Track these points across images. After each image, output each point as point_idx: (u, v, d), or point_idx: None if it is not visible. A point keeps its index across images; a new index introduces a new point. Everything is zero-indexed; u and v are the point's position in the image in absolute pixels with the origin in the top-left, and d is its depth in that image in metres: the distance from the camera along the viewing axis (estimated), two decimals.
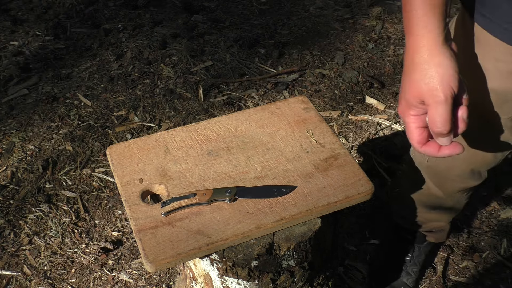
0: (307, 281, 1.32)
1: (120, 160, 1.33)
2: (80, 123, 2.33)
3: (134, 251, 1.86)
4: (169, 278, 1.78)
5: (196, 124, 1.43)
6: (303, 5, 3.03)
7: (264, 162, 1.32)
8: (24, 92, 2.49)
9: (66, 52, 2.73)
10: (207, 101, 2.43)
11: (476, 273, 1.77)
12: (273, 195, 1.23)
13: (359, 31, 2.83)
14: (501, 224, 1.91)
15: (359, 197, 1.25)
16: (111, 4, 3.05)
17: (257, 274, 1.21)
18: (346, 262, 1.79)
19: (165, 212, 1.19)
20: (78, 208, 1.99)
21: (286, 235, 1.21)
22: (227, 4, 3.05)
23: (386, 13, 2.94)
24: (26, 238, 1.89)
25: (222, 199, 1.21)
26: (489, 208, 1.96)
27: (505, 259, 1.80)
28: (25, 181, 2.08)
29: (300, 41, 2.78)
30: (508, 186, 2.02)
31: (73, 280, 1.78)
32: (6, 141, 2.25)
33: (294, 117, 1.45)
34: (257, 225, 1.17)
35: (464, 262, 1.80)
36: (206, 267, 1.24)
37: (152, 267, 1.11)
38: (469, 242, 1.86)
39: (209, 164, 1.32)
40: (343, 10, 2.97)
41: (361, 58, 2.65)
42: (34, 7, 3.05)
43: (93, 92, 2.49)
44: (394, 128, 2.27)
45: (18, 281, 1.78)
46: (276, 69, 2.61)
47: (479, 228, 1.90)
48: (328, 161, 1.32)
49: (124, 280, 1.77)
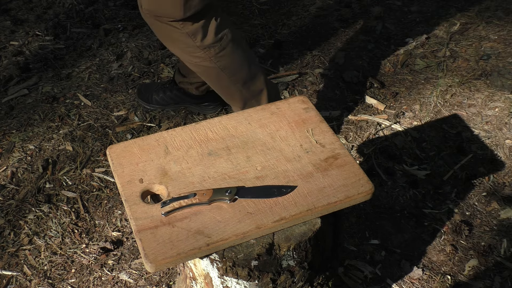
0: (307, 281, 1.32)
1: (120, 160, 1.33)
2: (80, 123, 2.33)
3: (134, 251, 1.86)
4: (169, 278, 1.78)
5: (196, 124, 1.43)
6: (303, 5, 3.03)
7: (264, 162, 1.32)
8: (24, 92, 2.49)
9: (66, 52, 2.73)
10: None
11: (476, 273, 1.77)
12: (273, 195, 1.23)
13: (359, 31, 2.83)
14: (501, 224, 1.91)
15: (359, 197, 1.26)
16: (111, 4, 3.05)
17: (257, 274, 1.21)
18: (346, 262, 1.79)
19: (165, 212, 1.19)
20: (78, 208, 1.99)
21: (286, 235, 1.21)
22: (227, 4, 3.05)
23: (386, 13, 2.94)
24: (26, 238, 1.89)
25: (222, 199, 1.21)
26: (489, 208, 1.96)
27: (505, 259, 1.80)
28: (25, 181, 2.08)
29: (300, 41, 2.78)
30: (508, 186, 2.03)
31: (73, 280, 1.78)
32: (6, 141, 2.25)
33: (294, 117, 1.45)
34: (257, 225, 1.17)
35: (464, 262, 1.80)
36: (206, 267, 1.24)
37: (152, 267, 1.11)
38: (469, 242, 1.86)
39: (209, 164, 1.32)
40: (343, 10, 2.97)
41: (361, 58, 2.65)
42: (34, 7, 3.05)
43: (93, 92, 2.49)
44: (394, 128, 2.27)
45: (18, 281, 1.78)
46: (276, 69, 2.61)
47: (479, 228, 1.90)
48: (328, 161, 1.32)
49: (124, 280, 1.77)
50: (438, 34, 2.78)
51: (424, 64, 2.60)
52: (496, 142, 2.20)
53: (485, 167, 2.09)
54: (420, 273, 1.77)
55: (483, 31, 2.78)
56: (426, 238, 1.87)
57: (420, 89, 2.47)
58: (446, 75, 2.53)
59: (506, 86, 2.44)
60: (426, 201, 1.98)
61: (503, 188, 2.02)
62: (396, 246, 1.85)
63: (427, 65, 2.59)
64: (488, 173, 2.07)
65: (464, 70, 2.55)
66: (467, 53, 2.65)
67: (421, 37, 2.76)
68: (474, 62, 2.59)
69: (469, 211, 1.95)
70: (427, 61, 2.62)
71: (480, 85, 2.47)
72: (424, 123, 2.29)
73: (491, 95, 2.41)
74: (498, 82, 2.47)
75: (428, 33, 2.79)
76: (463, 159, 2.12)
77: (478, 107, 2.36)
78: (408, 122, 2.30)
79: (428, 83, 2.50)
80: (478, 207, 1.96)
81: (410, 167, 2.09)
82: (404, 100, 2.42)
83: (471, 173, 2.06)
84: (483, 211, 1.95)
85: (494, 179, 2.05)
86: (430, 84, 2.49)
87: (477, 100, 2.39)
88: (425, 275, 1.76)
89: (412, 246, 1.85)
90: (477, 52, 2.65)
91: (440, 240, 1.87)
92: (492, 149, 2.17)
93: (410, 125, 2.29)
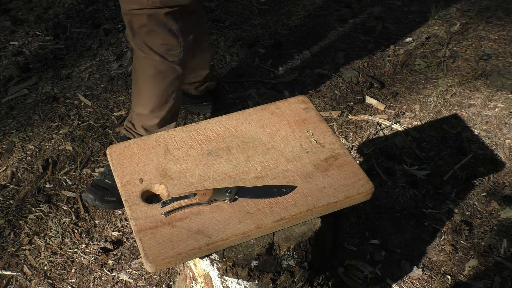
0: (307, 281, 1.32)
1: (120, 160, 1.33)
2: (80, 123, 2.33)
3: (134, 251, 1.86)
4: (169, 278, 1.78)
5: (196, 124, 1.43)
6: (303, 5, 3.03)
7: (264, 162, 1.32)
8: (24, 92, 2.49)
9: (66, 52, 2.73)
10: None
11: (476, 273, 1.77)
12: (273, 195, 1.23)
13: (359, 31, 2.83)
14: (501, 224, 1.91)
15: (359, 197, 1.26)
16: (111, 4, 3.05)
17: (257, 274, 1.21)
18: (346, 262, 1.79)
19: (165, 212, 1.19)
20: (78, 208, 1.99)
21: (286, 235, 1.21)
22: (227, 4, 3.05)
23: (386, 13, 2.94)
24: (26, 238, 1.89)
25: (222, 199, 1.21)
26: (489, 208, 1.96)
27: (505, 259, 1.80)
28: (25, 181, 2.08)
29: (300, 41, 2.78)
30: (508, 186, 2.03)
31: (73, 280, 1.78)
32: (6, 141, 2.25)
33: (294, 117, 1.45)
34: (257, 225, 1.17)
35: (464, 262, 1.80)
36: (206, 267, 1.24)
37: (152, 267, 1.11)
38: (469, 242, 1.86)
39: (209, 164, 1.32)
40: (343, 10, 2.97)
41: (361, 58, 2.65)
42: (34, 7, 3.05)
43: (93, 92, 2.49)
44: (394, 128, 2.27)
45: (18, 281, 1.78)
46: (276, 69, 2.61)
47: (479, 228, 1.90)
48: (328, 161, 1.32)
49: (124, 280, 1.77)
50: (438, 34, 2.78)
51: (424, 64, 2.60)
52: (496, 142, 2.20)
53: (485, 167, 2.09)
54: (420, 273, 1.77)
55: (483, 31, 2.78)
56: (426, 238, 1.87)
57: (420, 89, 2.47)
58: (446, 75, 2.53)
59: (506, 86, 2.44)
60: (426, 201, 1.98)
61: (503, 188, 2.02)
62: (396, 246, 1.85)
63: (427, 65, 2.59)
64: (488, 173, 2.07)
65: (464, 70, 2.55)
66: (467, 53, 2.65)
67: (421, 37, 2.76)
68: (474, 62, 2.59)
69: (469, 211, 1.95)
70: (427, 61, 2.62)
71: (480, 85, 2.47)
72: (424, 123, 2.29)
73: (491, 95, 2.41)
74: (498, 82, 2.47)
75: (428, 33, 2.79)
76: (463, 159, 2.12)
77: (478, 107, 2.36)
78: (408, 122, 2.30)
79: (428, 83, 2.50)
80: (478, 207, 1.96)
81: (410, 167, 2.09)
82: (404, 100, 2.42)
83: (471, 173, 2.06)
84: (483, 211, 1.95)
85: (494, 179, 2.05)
86: (430, 84, 2.49)
87: (477, 100, 2.39)
88: (425, 275, 1.76)
89: (412, 246, 1.85)
90: (477, 52, 2.65)
91: (440, 240, 1.87)
92: (492, 149, 2.17)
93: (410, 125, 2.29)
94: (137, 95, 1.85)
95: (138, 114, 1.87)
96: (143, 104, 1.84)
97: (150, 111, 1.83)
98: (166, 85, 1.80)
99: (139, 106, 1.86)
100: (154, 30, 1.68)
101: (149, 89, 1.80)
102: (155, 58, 1.73)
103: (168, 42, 1.71)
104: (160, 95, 1.81)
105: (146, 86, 1.81)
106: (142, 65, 1.78)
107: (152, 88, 1.80)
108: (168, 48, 1.72)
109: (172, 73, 1.78)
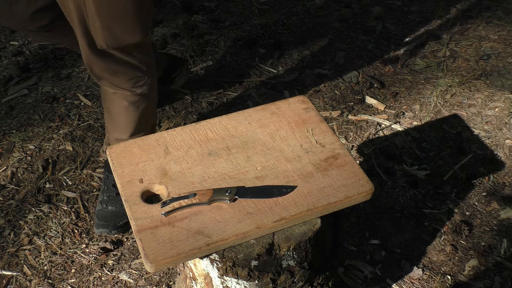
0: (307, 281, 1.32)
1: (120, 160, 1.33)
2: (80, 123, 2.33)
3: (134, 251, 1.86)
4: (169, 278, 1.78)
5: (196, 124, 1.43)
6: (303, 5, 3.03)
7: (264, 162, 1.32)
8: (24, 92, 2.49)
9: (66, 52, 2.72)
10: (208, 101, 2.43)
11: (476, 273, 1.77)
12: (273, 195, 1.23)
13: (359, 31, 2.83)
14: (501, 224, 1.91)
15: (359, 197, 1.26)
16: None
17: (257, 274, 1.21)
18: (346, 262, 1.79)
19: (165, 212, 1.19)
20: (78, 208, 1.99)
21: (286, 235, 1.21)
22: (227, 4, 3.05)
23: (386, 13, 2.94)
24: (26, 238, 1.89)
25: (222, 199, 1.21)
26: (489, 208, 1.96)
27: (505, 259, 1.80)
28: (25, 181, 2.08)
29: (300, 41, 2.78)
30: (508, 186, 2.03)
31: (73, 280, 1.78)
32: (6, 141, 2.25)
33: (294, 117, 1.45)
34: (257, 225, 1.17)
35: (464, 262, 1.80)
36: (206, 267, 1.24)
37: (152, 267, 1.11)
38: (469, 242, 1.86)
39: (209, 164, 1.32)
40: (343, 10, 2.97)
41: (361, 58, 2.65)
42: None
43: (93, 92, 2.49)
44: (394, 128, 2.27)
45: (18, 281, 1.78)
46: (276, 69, 2.61)
47: (479, 228, 1.90)
48: (328, 161, 1.32)
49: (124, 280, 1.77)
50: (438, 34, 2.78)
51: (424, 64, 2.60)
52: (496, 142, 2.20)
53: (485, 167, 2.09)
54: (420, 273, 1.77)
55: (483, 31, 2.78)
56: (426, 238, 1.87)
57: (420, 89, 2.47)
58: (446, 75, 2.53)
59: (506, 86, 2.44)
60: (426, 201, 1.98)
61: (503, 188, 2.02)
62: (396, 246, 1.85)
63: (427, 65, 2.59)
64: (488, 173, 2.07)
65: (464, 70, 2.55)
66: (467, 53, 2.65)
67: (421, 37, 2.76)
68: (474, 62, 2.59)
69: (469, 211, 1.95)
70: (427, 61, 2.62)
71: (480, 85, 2.47)
72: (424, 123, 2.29)
73: (491, 95, 2.41)
74: (498, 82, 2.47)
75: (428, 33, 2.79)
76: (463, 159, 2.12)
77: (478, 107, 2.36)
78: (408, 122, 2.30)
79: (428, 83, 2.50)
80: (478, 207, 1.96)
81: (410, 167, 2.09)
82: (404, 100, 2.42)
83: (471, 173, 2.06)
84: (483, 211, 1.95)
85: (494, 179, 2.05)
86: (430, 84, 2.49)
87: (477, 100, 2.40)
88: (425, 275, 1.77)
89: (412, 246, 1.85)
90: (477, 52, 2.65)
91: (440, 240, 1.87)
92: (492, 149, 2.17)
93: (410, 125, 2.29)
94: (113, 123, 1.84)
95: (118, 139, 1.84)
96: (120, 131, 1.83)
97: (129, 136, 1.82)
98: (142, 111, 1.79)
99: (117, 132, 1.84)
100: (117, 71, 1.64)
101: (125, 119, 1.79)
102: (125, 93, 1.71)
103: (133, 76, 1.68)
104: (137, 122, 1.80)
105: (121, 116, 1.79)
106: (113, 99, 1.76)
107: (128, 117, 1.79)
108: (135, 82, 1.69)
109: (144, 101, 1.77)
